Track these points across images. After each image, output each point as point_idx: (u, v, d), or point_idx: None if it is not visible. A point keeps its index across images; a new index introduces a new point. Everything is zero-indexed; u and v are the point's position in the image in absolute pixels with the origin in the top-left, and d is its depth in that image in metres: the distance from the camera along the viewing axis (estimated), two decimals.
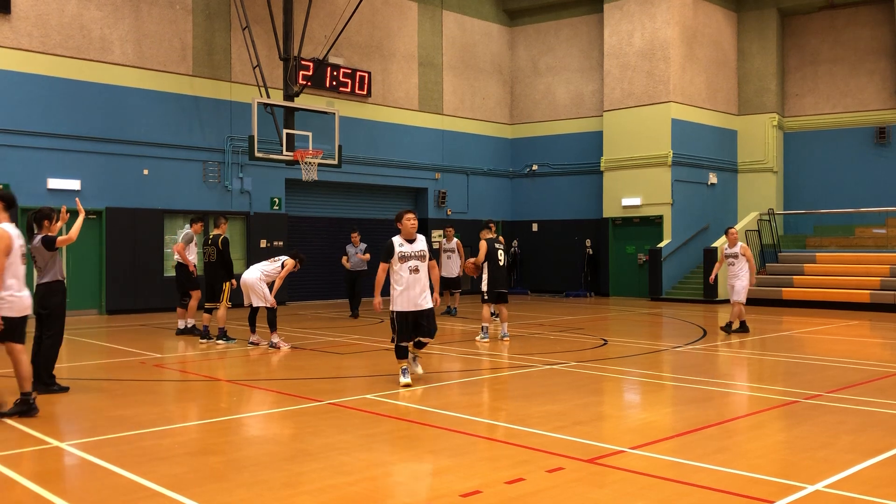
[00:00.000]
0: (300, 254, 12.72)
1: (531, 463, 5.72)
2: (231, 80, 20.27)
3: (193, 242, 13.94)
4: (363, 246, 18.81)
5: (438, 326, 9.58)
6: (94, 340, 13.58)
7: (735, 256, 14.08)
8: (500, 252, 13.00)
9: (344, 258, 18.04)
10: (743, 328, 14.12)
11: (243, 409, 8.05)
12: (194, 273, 13.72)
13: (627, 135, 23.74)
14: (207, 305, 13.11)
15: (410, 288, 8.66)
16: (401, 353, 8.84)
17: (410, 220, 8.81)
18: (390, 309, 8.75)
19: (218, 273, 12.86)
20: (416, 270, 8.70)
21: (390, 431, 6.72)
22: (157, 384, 9.36)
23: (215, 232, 13.04)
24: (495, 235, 13.66)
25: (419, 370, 9.43)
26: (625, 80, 23.80)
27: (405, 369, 8.80)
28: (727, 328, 14.08)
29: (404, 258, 8.68)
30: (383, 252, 8.78)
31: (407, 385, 8.66)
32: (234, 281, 12.90)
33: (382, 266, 8.78)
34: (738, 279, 14.02)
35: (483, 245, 12.92)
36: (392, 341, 8.85)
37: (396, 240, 8.79)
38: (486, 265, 13.01)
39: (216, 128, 20.01)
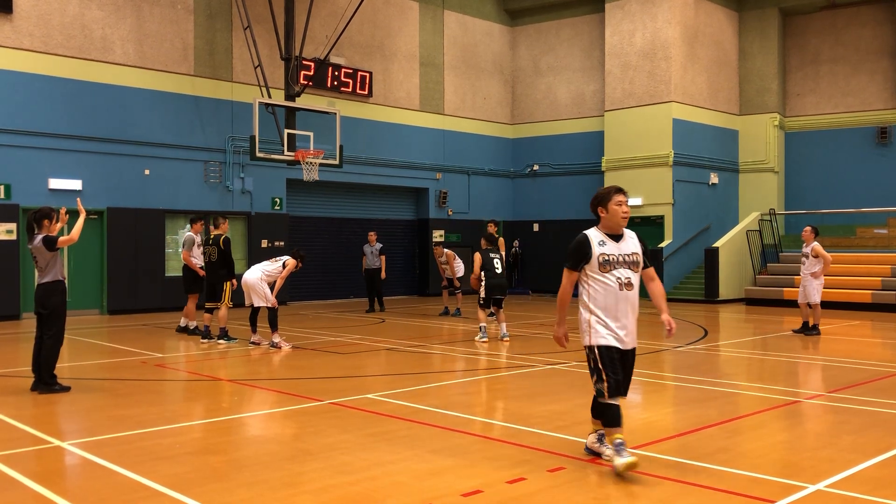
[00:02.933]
0: (301, 252, 12.73)
1: (532, 462, 5.72)
2: (232, 80, 20.27)
3: (196, 244, 13.91)
4: (379, 246, 18.94)
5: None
6: (95, 340, 13.59)
7: (807, 256, 14.03)
8: (496, 261, 13.21)
9: (363, 259, 19.06)
10: (804, 329, 14.09)
11: (244, 409, 8.05)
12: (202, 275, 13.66)
13: (628, 135, 23.72)
14: (208, 305, 13.10)
15: (620, 313, 5.59)
16: (613, 418, 5.42)
17: (622, 206, 5.61)
18: (587, 343, 5.63)
19: (219, 273, 12.84)
20: (629, 285, 5.62)
21: (391, 431, 6.71)
22: (158, 384, 9.36)
23: (216, 232, 13.03)
24: (496, 238, 13.78)
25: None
26: (626, 79, 23.79)
27: (621, 444, 5.33)
28: (814, 330, 13.91)
29: (608, 265, 5.59)
30: (571, 253, 5.65)
31: (631, 466, 5.24)
32: (234, 281, 12.89)
33: (569, 276, 5.69)
34: (809, 279, 13.97)
35: (477, 257, 13.21)
36: (599, 397, 5.53)
37: (594, 235, 5.65)
38: (483, 275, 13.20)
39: (217, 128, 20.01)
